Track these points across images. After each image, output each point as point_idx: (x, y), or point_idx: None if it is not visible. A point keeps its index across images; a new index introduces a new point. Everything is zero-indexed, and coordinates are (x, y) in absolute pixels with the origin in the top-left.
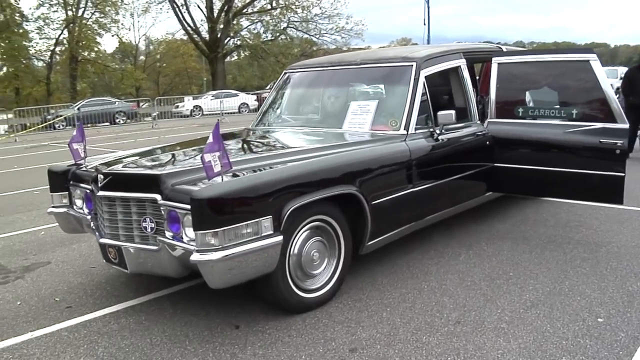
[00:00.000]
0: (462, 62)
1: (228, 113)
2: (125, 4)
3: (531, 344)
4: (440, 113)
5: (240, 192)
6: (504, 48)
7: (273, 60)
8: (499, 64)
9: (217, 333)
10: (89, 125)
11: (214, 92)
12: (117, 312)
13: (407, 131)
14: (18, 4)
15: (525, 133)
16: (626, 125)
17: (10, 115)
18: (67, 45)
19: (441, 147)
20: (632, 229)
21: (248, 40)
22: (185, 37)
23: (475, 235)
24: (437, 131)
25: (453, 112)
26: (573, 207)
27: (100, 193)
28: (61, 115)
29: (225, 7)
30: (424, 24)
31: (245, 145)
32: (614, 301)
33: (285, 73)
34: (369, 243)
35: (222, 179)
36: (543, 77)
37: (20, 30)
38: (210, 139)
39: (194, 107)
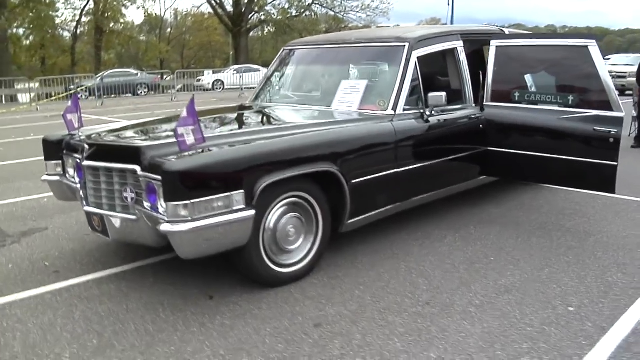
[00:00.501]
0: (459, 44)
1: (248, 88)
2: None
3: (495, 329)
4: (430, 95)
5: (212, 166)
6: (507, 31)
7: (297, 36)
8: (497, 46)
9: (191, 302)
10: (112, 95)
11: (235, 67)
12: (101, 279)
13: (395, 111)
14: None
15: (519, 118)
16: (622, 114)
17: (36, 85)
18: (92, 16)
19: (431, 129)
20: (627, 220)
21: (272, 16)
22: (210, 11)
23: (467, 218)
24: (428, 112)
25: (444, 94)
26: (571, 195)
27: (85, 163)
28: (83, 86)
29: None
30: (448, 4)
31: (230, 121)
32: (589, 291)
33: (284, 50)
34: (349, 222)
35: (198, 152)
36: (541, 61)
37: (47, 0)
38: (184, 113)
39: (215, 81)
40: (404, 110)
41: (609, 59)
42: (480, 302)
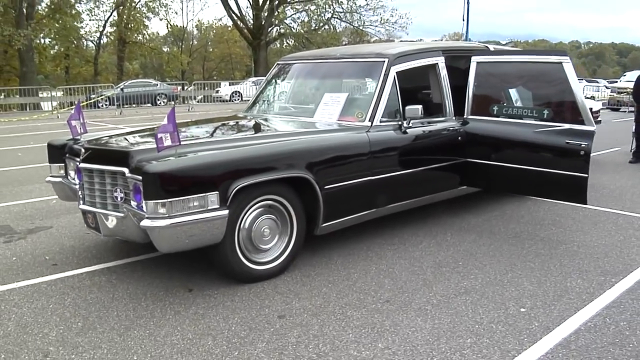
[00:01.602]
0: (440, 60)
1: None
2: None
3: (445, 325)
4: (407, 107)
5: (188, 169)
6: (492, 47)
7: (315, 49)
8: (477, 62)
9: (171, 294)
10: (134, 105)
11: (254, 79)
12: (94, 271)
13: (372, 123)
14: None
15: (497, 131)
16: (592, 128)
17: (60, 93)
18: (116, 27)
19: (408, 140)
20: (602, 230)
21: (292, 29)
22: (229, 23)
23: (445, 226)
24: (405, 124)
25: (420, 107)
26: (554, 207)
27: (81, 165)
28: (103, 95)
29: None
30: (463, 20)
31: (216, 129)
32: (545, 294)
33: (277, 64)
34: (323, 225)
35: (177, 157)
36: (518, 77)
37: (73, 12)
38: (165, 121)
39: (233, 92)
40: (381, 121)
41: (624, 75)
42: (438, 301)
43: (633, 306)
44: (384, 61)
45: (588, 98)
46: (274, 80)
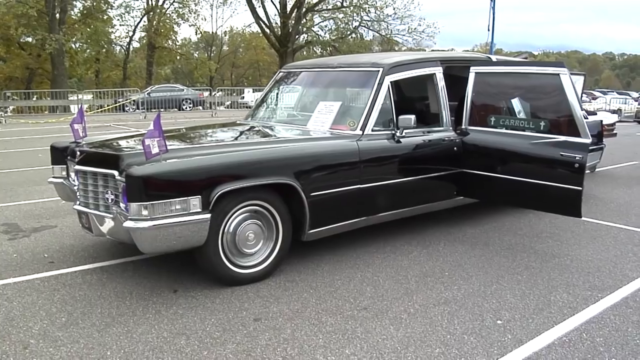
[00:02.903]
0: (437, 70)
1: None
2: None
3: (417, 334)
4: (400, 117)
5: (170, 173)
6: (494, 58)
7: None
8: (476, 73)
9: (156, 294)
10: (162, 109)
11: None
12: (87, 270)
13: (363, 132)
14: None
15: (493, 142)
16: (588, 140)
17: (88, 96)
18: (145, 33)
19: (400, 149)
20: (600, 245)
21: (320, 37)
22: (257, 30)
23: (440, 236)
24: (399, 134)
25: (413, 116)
26: (555, 220)
27: (76, 167)
28: (129, 99)
29: (298, 3)
30: (488, 30)
31: (209, 135)
32: (526, 307)
33: (279, 72)
34: (310, 232)
35: (161, 161)
36: (516, 88)
37: (104, 17)
38: (151, 126)
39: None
40: (373, 130)
41: None
42: (415, 310)
43: (614, 322)
44: (379, 71)
45: (613, 111)
46: (274, 89)
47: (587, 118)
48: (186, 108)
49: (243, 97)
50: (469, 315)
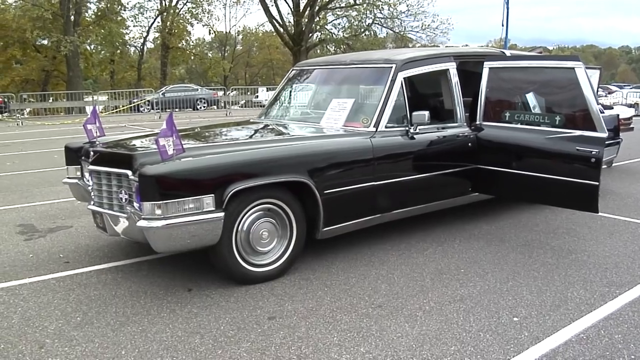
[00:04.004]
0: (451, 66)
1: None
2: None
3: (432, 331)
4: (414, 113)
5: (183, 172)
6: (508, 53)
7: None
8: (490, 68)
9: (170, 293)
10: (176, 109)
11: None
12: (102, 270)
13: (377, 128)
14: None
15: (508, 137)
16: (604, 134)
17: (103, 97)
18: (159, 34)
19: (414, 146)
20: (618, 240)
21: (333, 35)
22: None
23: (455, 233)
24: (412, 130)
25: (427, 112)
26: (572, 215)
27: (90, 167)
28: (144, 99)
29: (311, 2)
30: (502, 25)
31: (223, 134)
32: (543, 304)
33: (292, 70)
34: (324, 229)
35: (173, 160)
36: (531, 82)
37: (119, 18)
38: (164, 126)
39: None
40: (387, 127)
41: None
42: (430, 307)
43: (633, 319)
44: (392, 67)
45: (630, 105)
46: (288, 86)
47: (604, 112)
48: (200, 108)
49: (257, 96)
50: (484, 312)
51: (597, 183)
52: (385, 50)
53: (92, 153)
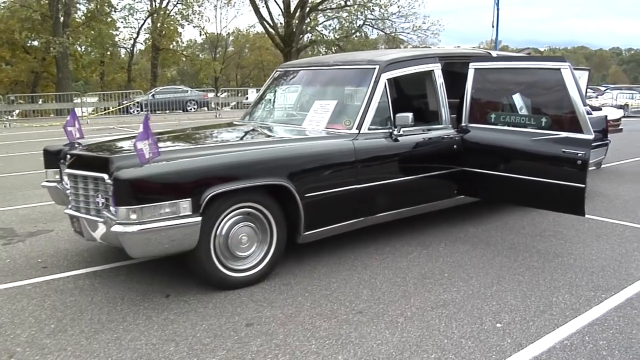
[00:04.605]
0: (436, 67)
1: None
2: None
3: (413, 338)
4: (398, 115)
5: (159, 176)
6: (494, 54)
7: None
8: (475, 69)
9: (147, 299)
10: (167, 111)
11: None
12: (79, 275)
13: (359, 130)
14: None
15: (493, 139)
16: (590, 136)
17: (92, 99)
18: (149, 35)
19: (398, 148)
20: (606, 243)
21: (324, 36)
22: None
23: (441, 236)
24: (396, 132)
25: (410, 114)
26: (559, 218)
27: (67, 170)
28: (133, 101)
29: (301, 3)
30: (492, 26)
31: (202, 137)
32: (527, 309)
33: (276, 71)
34: (306, 233)
35: (149, 163)
36: (517, 84)
37: (109, 20)
38: (141, 129)
39: None
40: (370, 129)
41: None
42: (412, 314)
43: (618, 324)
44: (375, 68)
45: (620, 106)
46: (271, 88)
47: (592, 114)
48: (191, 109)
49: (247, 98)
50: (467, 318)
51: (583, 185)
52: (370, 51)
53: (68, 156)
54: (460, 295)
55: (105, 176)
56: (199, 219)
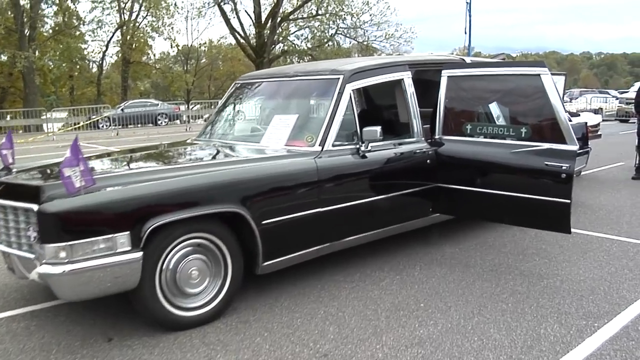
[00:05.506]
0: (406, 75)
1: None
2: (178, 9)
3: None
4: (365, 129)
5: (92, 208)
6: (468, 60)
7: None
8: (448, 77)
9: (87, 344)
10: (138, 125)
11: None
12: (15, 316)
13: (323, 147)
14: (76, 6)
15: (470, 152)
16: (575, 147)
17: (61, 115)
18: (119, 48)
19: (366, 165)
20: (592, 261)
21: (296, 46)
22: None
23: (416, 258)
24: (363, 148)
25: (378, 128)
26: (541, 234)
27: None
28: (101, 115)
29: (272, 13)
30: (465, 33)
31: (145, 159)
32: (513, 345)
33: (235, 84)
34: (265, 264)
35: (80, 193)
36: (493, 91)
37: (77, 33)
38: (68, 154)
39: None
40: (334, 145)
41: (633, 85)
42: (384, 355)
43: (615, 359)
44: (339, 78)
45: (595, 111)
46: (230, 102)
47: (571, 120)
48: (161, 123)
49: None
50: (445, 358)
51: (568, 201)
52: (333, 60)
53: None
54: (437, 329)
55: (35, 207)
56: (140, 254)
